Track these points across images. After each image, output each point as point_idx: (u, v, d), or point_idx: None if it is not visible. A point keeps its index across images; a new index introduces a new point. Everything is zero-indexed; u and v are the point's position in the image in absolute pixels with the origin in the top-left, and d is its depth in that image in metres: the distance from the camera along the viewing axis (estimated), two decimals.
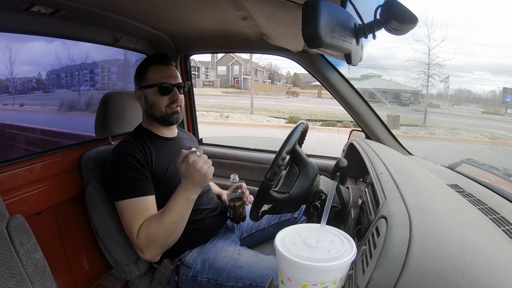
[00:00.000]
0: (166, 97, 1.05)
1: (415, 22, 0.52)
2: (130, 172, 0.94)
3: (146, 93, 1.06)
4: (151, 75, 1.05)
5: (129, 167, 0.95)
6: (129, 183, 0.93)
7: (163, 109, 1.05)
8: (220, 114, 12.99)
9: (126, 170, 0.94)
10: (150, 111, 1.07)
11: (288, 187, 0.89)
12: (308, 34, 0.46)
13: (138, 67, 1.10)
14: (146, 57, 1.11)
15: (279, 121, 12.55)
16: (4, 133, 1.75)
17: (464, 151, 8.41)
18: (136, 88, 1.10)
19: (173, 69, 1.08)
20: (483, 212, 0.65)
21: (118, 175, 0.95)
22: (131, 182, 0.94)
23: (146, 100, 1.07)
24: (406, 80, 16.42)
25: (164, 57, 1.08)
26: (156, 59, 1.07)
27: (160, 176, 1.01)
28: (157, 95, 1.05)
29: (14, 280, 0.68)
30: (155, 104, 1.05)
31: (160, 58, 1.07)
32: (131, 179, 0.94)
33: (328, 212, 0.50)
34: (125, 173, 0.94)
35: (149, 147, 1.03)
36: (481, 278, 0.37)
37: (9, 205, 0.87)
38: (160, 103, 1.05)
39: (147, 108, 1.08)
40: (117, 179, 0.95)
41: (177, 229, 0.92)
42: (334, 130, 10.84)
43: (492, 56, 30.98)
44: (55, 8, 0.96)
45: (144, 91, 1.07)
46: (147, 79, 1.05)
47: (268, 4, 0.79)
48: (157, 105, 1.05)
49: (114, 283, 1.21)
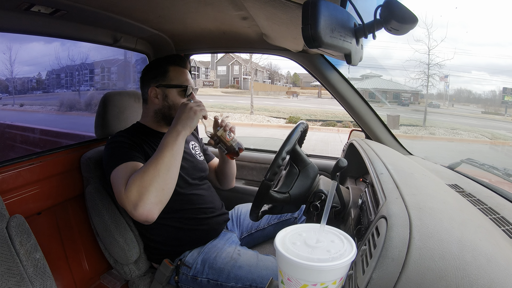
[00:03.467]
0: (185, 99, 1.05)
1: (415, 22, 0.52)
2: (122, 148, 0.93)
3: (167, 92, 1.05)
4: (174, 76, 1.05)
5: (121, 146, 0.94)
6: (120, 154, 0.90)
7: None
8: (220, 114, 12.96)
9: (117, 148, 0.93)
10: (166, 111, 1.06)
11: (288, 187, 0.89)
12: (308, 34, 0.46)
13: (155, 65, 1.08)
14: (165, 56, 1.10)
15: (279, 121, 12.55)
16: (4, 133, 1.75)
17: (464, 151, 8.42)
18: (151, 86, 1.06)
19: (189, 73, 1.10)
20: (483, 212, 0.65)
21: (110, 153, 0.93)
22: (122, 153, 0.91)
23: (166, 100, 1.05)
24: (406, 80, 16.46)
25: (185, 60, 1.09)
26: (177, 60, 1.08)
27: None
28: (179, 96, 1.05)
29: (14, 280, 0.68)
30: (175, 105, 1.05)
31: (182, 61, 1.08)
32: (122, 152, 0.91)
33: (328, 212, 0.50)
34: (117, 150, 0.93)
35: (142, 139, 1.01)
36: (481, 278, 0.37)
37: (9, 205, 0.87)
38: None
39: (164, 108, 1.06)
40: (109, 156, 0.93)
41: (168, 174, 0.82)
42: (334, 130, 10.83)
43: (489, 55, 31.05)
44: (55, 8, 0.96)
45: (164, 90, 1.05)
46: (169, 79, 1.05)
47: (268, 4, 0.79)
48: (177, 106, 1.04)
49: (114, 283, 1.21)
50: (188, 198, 1.06)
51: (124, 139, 0.97)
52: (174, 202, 1.02)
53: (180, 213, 1.05)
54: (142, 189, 0.77)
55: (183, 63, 1.08)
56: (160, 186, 0.79)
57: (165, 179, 0.81)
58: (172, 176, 0.83)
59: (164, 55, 1.12)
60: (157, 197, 0.79)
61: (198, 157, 1.19)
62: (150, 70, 1.08)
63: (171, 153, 0.83)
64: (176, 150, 0.85)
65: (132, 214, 0.78)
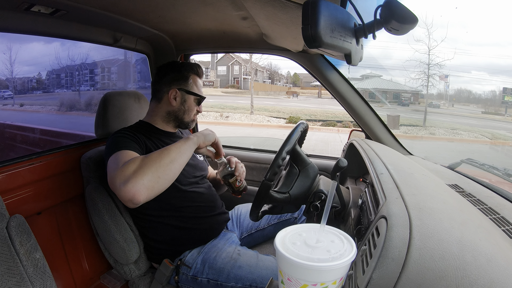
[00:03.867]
0: (197, 108, 1.14)
1: (415, 22, 0.52)
2: (124, 139, 0.93)
3: (186, 97, 1.10)
4: (194, 84, 1.12)
5: (123, 136, 0.95)
6: (121, 143, 0.91)
7: (192, 117, 1.14)
8: (220, 114, 12.98)
9: (119, 138, 0.94)
10: (181, 115, 1.12)
11: (288, 187, 0.89)
12: (308, 34, 0.46)
13: (176, 68, 1.12)
14: (187, 63, 1.16)
15: (279, 121, 12.55)
16: (4, 133, 1.75)
17: (464, 151, 8.42)
18: (174, 87, 1.09)
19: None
20: (483, 212, 0.65)
21: (111, 141, 0.93)
22: (123, 142, 0.91)
23: (183, 104, 1.11)
24: (406, 80, 16.46)
25: (203, 72, 1.18)
26: (198, 70, 1.14)
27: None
28: (194, 103, 1.13)
29: (14, 280, 0.68)
30: (190, 111, 1.12)
31: (201, 72, 1.16)
32: (124, 141, 0.92)
33: (328, 212, 0.50)
34: (119, 139, 0.93)
35: (147, 137, 1.03)
36: (481, 278, 0.37)
37: (9, 205, 0.87)
38: (194, 111, 1.14)
39: (179, 111, 1.11)
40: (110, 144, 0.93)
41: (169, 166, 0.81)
42: (334, 130, 10.84)
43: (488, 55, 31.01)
44: (55, 8, 0.96)
45: (184, 95, 1.10)
46: (190, 86, 1.11)
47: (268, 4, 0.79)
48: (191, 112, 1.13)
49: (114, 283, 1.21)
50: (189, 195, 1.06)
51: (127, 133, 0.98)
52: (174, 199, 1.03)
53: (180, 211, 1.05)
54: (139, 169, 0.76)
55: (201, 74, 1.16)
56: (157, 174, 0.78)
57: (164, 169, 0.80)
58: (172, 170, 0.82)
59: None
60: (150, 182, 0.76)
61: (198, 157, 1.20)
62: (172, 72, 1.11)
63: (178, 150, 0.85)
64: (183, 149, 0.86)
65: (120, 189, 0.74)
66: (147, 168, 0.77)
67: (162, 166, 0.79)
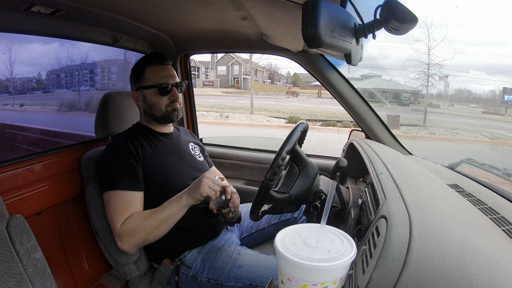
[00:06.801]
0: (166, 97, 1.07)
1: (415, 22, 0.52)
2: (122, 165, 0.96)
3: (144, 94, 1.07)
4: (149, 76, 1.06)
5: (121, 159, 0.96)
6: (120, 175, 0.94)
7: (164, 108, 1.08)
8: (220, 114, 12.98)
9: (117, 162, 0.96)
10: (150, 111, 1.09)
11: (288, 187, 0.89)
12: (308, 34, 0.46)
13: (134, 68, 1.10)
14: (142, 57, 1.11)
15: (279, 121, 12.55)
16: (4, 133, 1.75)
17: (464, 151, 8.42)
18: (133, 89, 1.10)
19: (170, 68, 1.09)
20: (483, 212, 0.65)
21: (110, 166, 0.97)
22: (122, 174, 0.95)
23: (145, 101, 1.08)
24: (406, 80, 16.45)
25: (160, 57, 1.08)
26: (152, 59, 1.07)
27: (153, 169, 1.02)
28: (156, 95, 1.06)
29: (14, 280, 0.68)
30: (155, 104, 1.07)
31: (157, 58, 1.07)
32: (122, 171, 0.95)
33: (328, 212, 0.50)
34: (117, 165, 0.95)
35: (143, 141, 1.04)
36: (481, 278, 0.37)
37: (9, 205, 0.87)
38: (160, 103, 1.07)
39: (146, 108, 1.09)
40: (108, 170, 0.97)
41: (162, 227, 0.93)
42: (334, 130, 10.84)
43: (485, 55, 31.01)
44: (55, 8, 0.96)
45: (142, 92, 1.07)
46: (145, 80, 1.06)
47: (268, 4, 0.79)
48: (157, 105, 1.07)
49: (114, 283, 1.21)
50: None
51: (124, 144, 0.99)
52: None
53: None
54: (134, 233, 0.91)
55: (159, 60, 1.07)
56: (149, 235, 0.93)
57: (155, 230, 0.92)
58: (161, 230, 0.93)
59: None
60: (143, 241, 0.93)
61: (197, 157, 1.19)
62: (132, 74, 1.10)
63: (170, 213, 0.92)
64: (173, 215, 0.93)
65: (116, 239, 0.93)
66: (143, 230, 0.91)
67: (155, 226, 0.92)
